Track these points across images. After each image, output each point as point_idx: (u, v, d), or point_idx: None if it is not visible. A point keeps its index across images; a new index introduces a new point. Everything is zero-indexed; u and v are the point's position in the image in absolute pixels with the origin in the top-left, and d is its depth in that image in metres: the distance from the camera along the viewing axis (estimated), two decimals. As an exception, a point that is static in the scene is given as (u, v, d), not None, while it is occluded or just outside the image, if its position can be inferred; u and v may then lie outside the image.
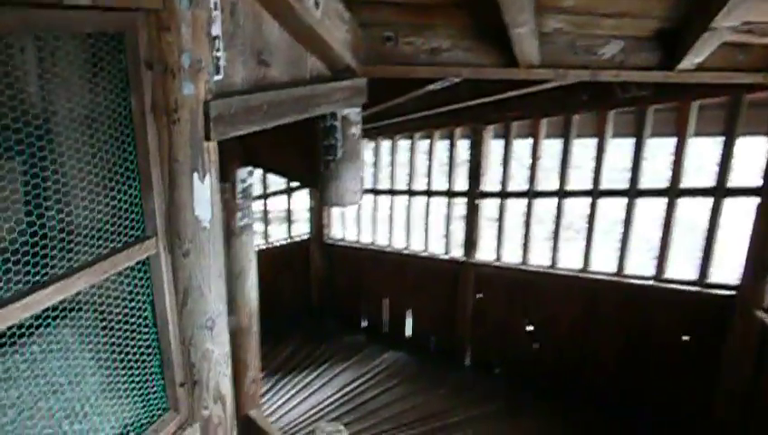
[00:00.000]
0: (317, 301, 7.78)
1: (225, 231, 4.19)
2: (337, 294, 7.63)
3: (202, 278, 2.05)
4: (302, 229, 7.93)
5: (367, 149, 7.03)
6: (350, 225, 7.45)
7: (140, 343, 2.04)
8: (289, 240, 7.71)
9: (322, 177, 3.09)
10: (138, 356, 2.04)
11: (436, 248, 6.44)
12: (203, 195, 1.97)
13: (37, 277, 1.61)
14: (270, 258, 7.54)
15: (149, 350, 2.07)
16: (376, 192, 6.97)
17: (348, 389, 6.24)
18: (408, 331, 6.88)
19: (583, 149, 5.14)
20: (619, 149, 5.00)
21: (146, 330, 2.04)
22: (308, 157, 3.18)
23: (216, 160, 2.02)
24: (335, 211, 7.48)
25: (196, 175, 1.93)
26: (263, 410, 5.84)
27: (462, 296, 6.01)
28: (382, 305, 7.08)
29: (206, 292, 2.07)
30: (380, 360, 6.76)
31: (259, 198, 7.67)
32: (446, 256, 6.25)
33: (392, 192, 6.82)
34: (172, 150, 1.89)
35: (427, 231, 6.46)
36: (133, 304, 2.00)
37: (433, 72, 2.99)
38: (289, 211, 7.63)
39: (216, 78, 2.03)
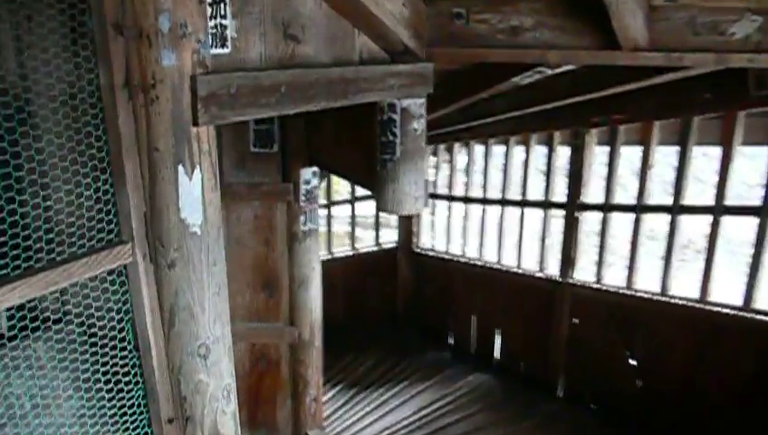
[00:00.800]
0: (403, 312, 7.34)
1: (287, 236, 3.88)
2: (424, 306, 7.15)
3: (192, 296, 1.65)
4: (390, 237, 7.54)
5: (460, 154, 6.53)
6: (440, 234, 6.95)
7: (119, 368, 1.68)
8: (377, 247, 7.34)
9: (378, 178, 2.64)
10: (116, 383, 1.69)
11: (530, 264, 5.79)
12: (190, 193, 1.57)
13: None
14: (356, 266, 7.21)
15: (130, 377, 1.70)
16: (467, 200, 6.43)
17: (426, 411, 5.74)
18: (497, 352, 6.28)
19: (705, 158, 4.34)
20: (750, 160, 4.16)
21: (126, 353, 1.68)
22: (368, 156, 2.75)
23: (212, 151, 1.61)
24: (425, 219, 7.01)
25: (181, 168, 1.54)
26: (332, 427, 5.48)
27: (556, 320, 5.33)
28: (471, 322, 6.52)
29: (198, 312, 1.68)
30: (464, 382, 6.20)
31: (345, 202, 7.37)
32: (541, 274, 5.59)
33: (485, 201, 6.25)
34: (151, 137, 1.51)
35: (521, 245, 5.82)
36: (110, 322, 1.65)
37: (512, 57, 2.44)
38: (377, 217, 7.25)
39: (219, 51, 1.64)
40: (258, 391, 4.14)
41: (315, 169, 3.69)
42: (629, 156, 4.76)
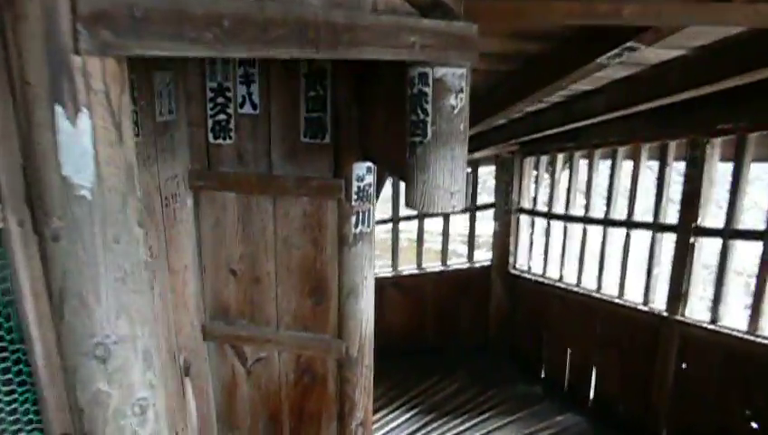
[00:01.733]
0: (494, 337, 6.70)
1: (337, 238, 3.47)
2: (517, 332, 6.47)
3: (83, 279, 1.28)
4: (485, 255, 6.93)
5: (564, 168, 5.83)
6: (537, 255, 6.25)
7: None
8: (469, 265, 6.76)
9: (407, 166, 2.16)
10: None
11: (634, 295, 4.97)
12: (74, 144, 1.20)
13: None
14: (448, 283, 6.69)
15: (15, 377, 1.35)
16: (567, 219, 5.71)
17: (506, 450, 5.11)
18: (592, 391, 5.47)
19: None
20: None
21: (6, 346, 1.33)
22: (401, 141, 2.28)
23: (112, 93, 1.23)
24: (522, 237, 6.35)
25: (59, 110, 1.17)
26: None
27: (661, 361, 4.50)
28: (565, 355, 5.75)
29: (92, 301, 1.29)
30: (554, 421, 5.46)
31: (438, 215, 6.87)
32: (645, 308, 4.77)
33: (586, 220, 5.50)
34: (22, 66, 1.16)
35: (624, 272, 5.02)
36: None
37: (574, 13, 1.88)
38: (471, 233, 6.68)
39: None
40: (302, 407, 3.75)
41: (369, 164, 3.26)
42: (759, 174, 3.87)
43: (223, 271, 3.59)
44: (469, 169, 6.56)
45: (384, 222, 6.94)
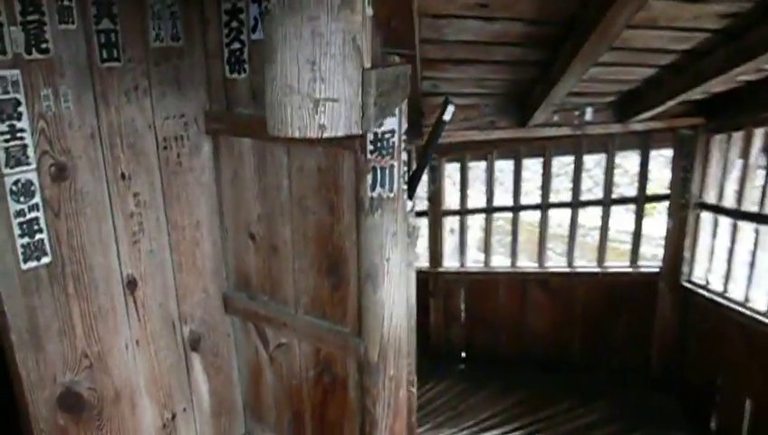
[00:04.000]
0: (656, 366, 5.19)
1: (355, 205, 2.63)
2: (685, 364, 4.91)
3: None
4: (653, 259, 5.44)
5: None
6: (719, 265, 4.63)
7: None
8: (632, 269, 5.33)
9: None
10: None
11: None
12: None
13: None
14: (602, 289, 5.34)
15: None
16: (761, 219, 4.06)
17: None
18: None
19: None
20: None
21: None
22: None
23: None
24: (703, 241, 4.74)
25: None
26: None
27: None
28: (743, 407, 4.15)
29: None
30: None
31: (595, 203, 5.51)
32: None
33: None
34: None
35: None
36: None
37: None
38: (637, 230, 5.23)
39: None
40: (323, 412, 2.99)
41: (391, 105, 2.36)
42: None
43: (243, 234, 2.97)
44: (636, 151, 5.10)
45: (500, 209, 5.84)
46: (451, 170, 5.95)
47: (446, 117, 2.78)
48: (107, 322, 2.56)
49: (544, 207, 5.53)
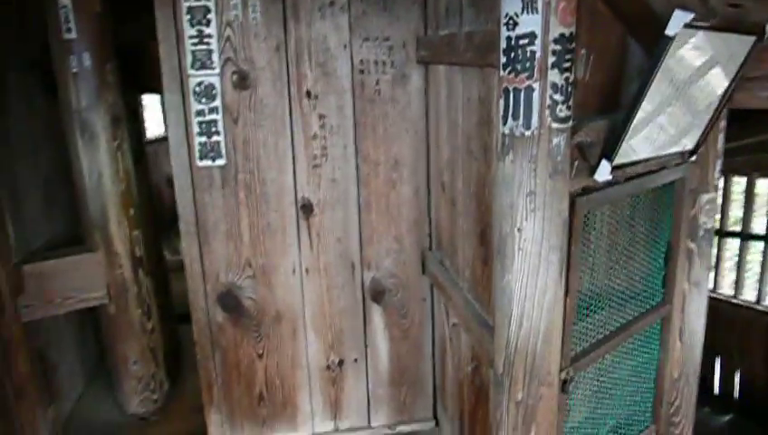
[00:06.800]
0: None
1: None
2: None
3: None
4: None
5: None
6: None
7: None
8: None
9: None
10: None
11: None
12: None
13: None
14: None
15: None
16: None
17: None
18: None
19: None
20: None
21: None
22: None
23: None
24: None
25: None
26: None
27: None
28: None
29: None
30: None
31: None
32: None
33: None
34: None
35: None
36: None
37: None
38: None
39: None
40: (474, 417, 2.29)
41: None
42: None
43: (438, 184, 2.49)
44: None
45: None
46: None
47: (672, 29, 1.63)
48: (275, 239, 2.53)
49: None
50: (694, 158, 2.28)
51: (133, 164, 2.86)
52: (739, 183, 4.94)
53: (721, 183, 5.15)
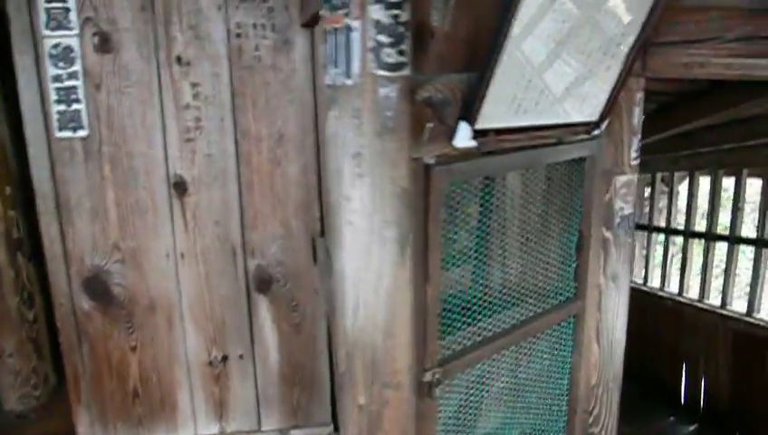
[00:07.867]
0: None
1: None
2: None
3: None
4: None
5: None
6: None
7: None
8: None
9: None
10: None
11: None
12: None
13: None
14: None
15: None
16: None
17: None
18: None
19: None
20: None
21: None
22: None
23: None
24: None
25: None
26: None
27: None
28: None
29: None
30: None
31: None
32: None
33: None
34: None
35: None
36: None
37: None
38: None
39: None
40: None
41: None
42: None
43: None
44: None
45: None
46: None
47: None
48: (145, 219, 2.29)
49: None
50: (598, 132, 2.04)
51: (10, 138, 2.64)
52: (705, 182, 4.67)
53: (686, 182, 4.87)
